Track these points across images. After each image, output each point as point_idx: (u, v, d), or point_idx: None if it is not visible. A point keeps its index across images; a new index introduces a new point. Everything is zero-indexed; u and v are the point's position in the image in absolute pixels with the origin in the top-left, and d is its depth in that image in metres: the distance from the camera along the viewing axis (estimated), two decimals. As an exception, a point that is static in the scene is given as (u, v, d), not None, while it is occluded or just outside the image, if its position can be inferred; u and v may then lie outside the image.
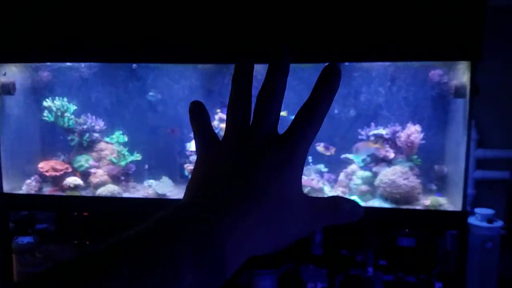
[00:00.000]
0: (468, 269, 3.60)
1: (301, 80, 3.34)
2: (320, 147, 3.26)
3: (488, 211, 3.53)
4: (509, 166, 3.91)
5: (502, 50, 3.83)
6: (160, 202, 3.33)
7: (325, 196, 3.22)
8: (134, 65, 3.40)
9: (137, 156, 3.56)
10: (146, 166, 3.61)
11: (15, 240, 3.37)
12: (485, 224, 3.48)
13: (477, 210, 3.58)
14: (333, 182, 3.48)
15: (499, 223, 3.50)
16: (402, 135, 3.30)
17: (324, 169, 3.51)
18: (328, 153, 3.25)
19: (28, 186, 3.42)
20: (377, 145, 3.23)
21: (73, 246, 3.66)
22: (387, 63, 3.30)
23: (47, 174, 3.46)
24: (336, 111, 3.41)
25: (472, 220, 3.56)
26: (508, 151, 3.90)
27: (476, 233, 3.51)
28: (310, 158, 3.50)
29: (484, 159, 3.91)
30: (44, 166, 3.49)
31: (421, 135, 3.28)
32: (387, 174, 3.24)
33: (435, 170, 3.38)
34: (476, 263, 3.52)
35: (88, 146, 3.59)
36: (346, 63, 3.30)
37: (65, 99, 3.55)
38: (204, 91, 3.59)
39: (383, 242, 3.60)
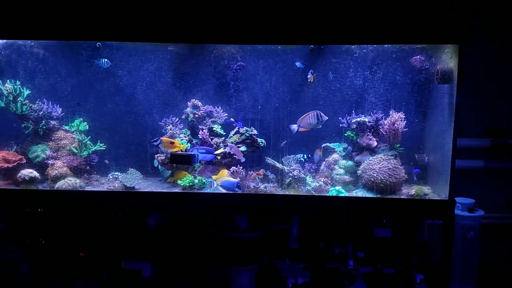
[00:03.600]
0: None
1: (284, 63, 3.17)
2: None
3: (469, 201, 3.47)
4: (483, 155, 3.89)
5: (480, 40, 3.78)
6: (128, 196, 3.05)
7: (307, 186, 3.07)
8: (98, 43, 3.06)
9: (101, 146, 3.24)
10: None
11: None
12: (466, 213, 3.43)
13: (458, 199, 3.52)
14: (314, 172, 3.31)
15: (480, 212, 3.45)
16: (386, 123, 3.17)
17: (301, 158, 3.31)
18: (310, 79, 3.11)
19: (-25, 180, 3.03)
20: (319, 153, 3.33)
21: (27, 245, 3.32)
22: (370, 48, 3.15)
23: (-2, 166, 3.08)
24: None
25: (452, 209, 3.49)
26: (481, 139, 3.87)
27: (457, 223, 3.44)
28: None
29: (459, 148, 3.85)
30: (-7, 157, 3.11)
31: (404, 123, 3.16)
32: (370, 163, 3.10)
33: (415, 159, 3.29)
34: (458, 253, 3.46)
35: (44, 135, 3.23)
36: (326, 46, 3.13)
37: (18, 83, 3.17)
38: (176, 74, 3.31)
39: (360, 233, 3.48)
